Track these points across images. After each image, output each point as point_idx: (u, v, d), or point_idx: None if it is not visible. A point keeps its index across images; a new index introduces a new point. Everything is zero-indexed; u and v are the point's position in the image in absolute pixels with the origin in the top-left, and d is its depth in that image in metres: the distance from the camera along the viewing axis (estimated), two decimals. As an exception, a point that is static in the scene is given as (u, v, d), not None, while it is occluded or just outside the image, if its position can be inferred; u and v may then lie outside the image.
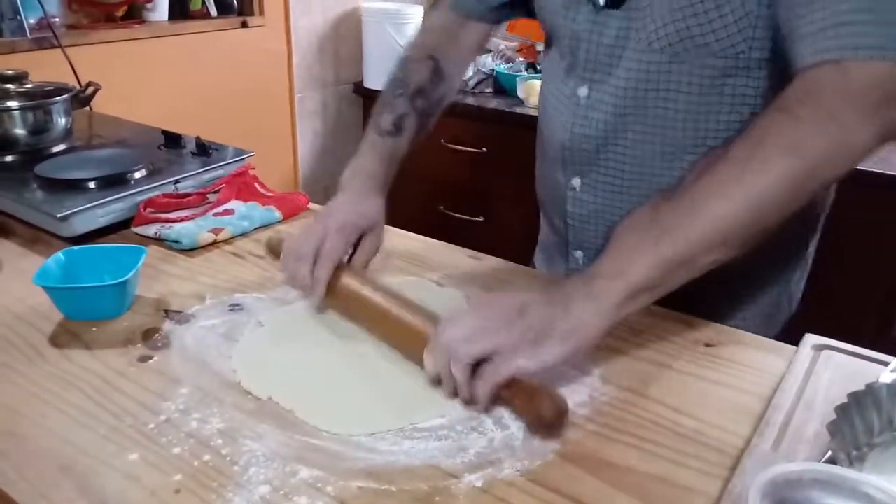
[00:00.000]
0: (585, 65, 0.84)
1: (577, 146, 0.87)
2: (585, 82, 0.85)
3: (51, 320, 0.77)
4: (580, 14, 0.83)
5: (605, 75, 0.82)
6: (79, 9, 1.79)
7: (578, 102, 0.86)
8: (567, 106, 0.87)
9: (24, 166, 1.10)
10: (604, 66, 0.82)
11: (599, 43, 0.82)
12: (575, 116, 0.86)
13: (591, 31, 0.82)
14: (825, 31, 0.61)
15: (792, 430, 0.60)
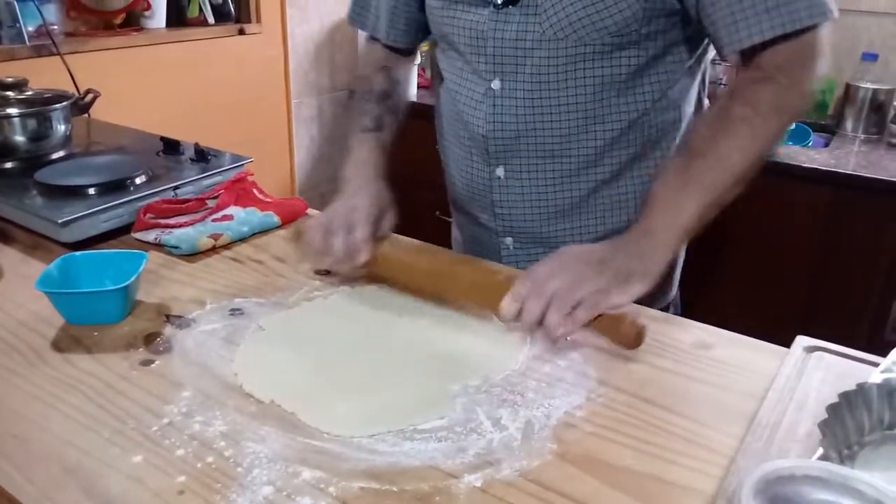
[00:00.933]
0: (494, 59, 0.91)
1: (498, 137, 0.94)
2: (497, 75, 0.92)
3: (52, 325, 0.78)
4: (480, 14, 0.90)
5: (514, 66, 0.90)
6: (77, 16, 1.80)
7: (493, 95, 0.92)
8: (481, 100, 0.94)
9: (24, 173, 1.11)
10: (511, 58, 0.90)
11: (504, 38, 0.89)
12: (492, 108, 0.93)
13: (494, 28, 0.89)
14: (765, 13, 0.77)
15: (784, 430, 0.61)
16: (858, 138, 2.02)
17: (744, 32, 0.78)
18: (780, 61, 0.79)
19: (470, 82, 0.96)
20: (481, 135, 0.95)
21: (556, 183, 0.95)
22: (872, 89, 2.00)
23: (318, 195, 2.51)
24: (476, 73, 0.94)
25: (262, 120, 2.29)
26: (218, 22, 2.13)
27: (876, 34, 2.09)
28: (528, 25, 0.87)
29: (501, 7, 0.88)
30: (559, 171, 0.94)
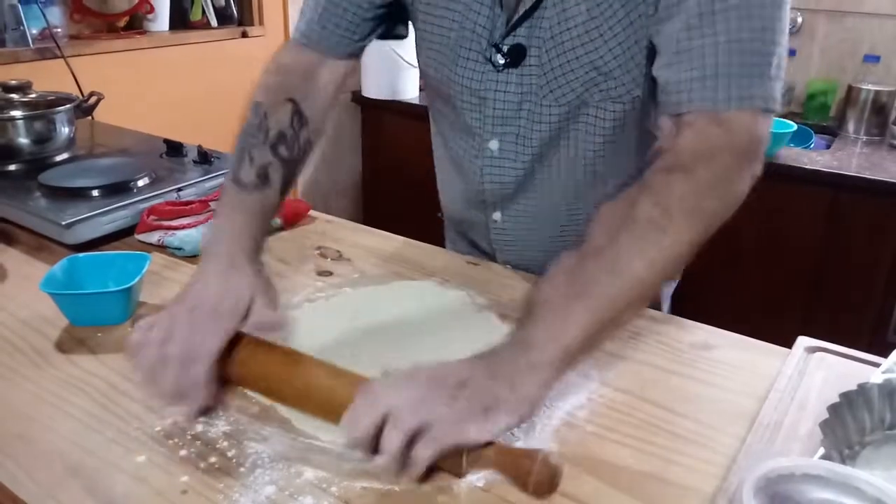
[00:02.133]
0: (494, 121, 0.86)
1: (496, 192, 0.91)
2: (495, 136, 0.87)
3: (56, 326, 0.78)
4: (480, 73, 0.84)
5: (514, 127, 0.86)
6: (81, 19, 1.81)
7: (491, 155, 0.89)
8: (478, 158, 0.90)
9: (28, 175, 1.11)
10: (511, 119, 0.85)
11: (505, 100, 0.84)
12: (490, 169, 0.89)
13: (495, 90, 0.84)
14: (699, 81, 0.67)
15: (785, 430, 0.61)
16: (860, 140, 2.02)
17: (680, 97, 0.68)
18: (704, 149, 0.66)
19: (463, 139, 0.91)
20: (476, 190, 0.93)
21: (553, 226, 0.93)
22: (874, 91, 2.00)
23: (319, 196, 2.51)
24: (470, 131, 0.89)
25: (265, 122, 2.29)
26: (221, 25, 2.14)
27: (878, 36, 2.09)
28: (531, 87, 0.82)
29: (503, 68, 0.82)
30: (554, 217, 0.92)
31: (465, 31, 0.83)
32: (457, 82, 0.86)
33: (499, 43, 0.81)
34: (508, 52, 0.81)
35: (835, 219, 1.76)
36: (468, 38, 0.83)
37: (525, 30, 0.79)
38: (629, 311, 0.63)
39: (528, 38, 0.80)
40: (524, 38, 0.80)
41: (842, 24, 2.13)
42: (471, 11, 0.82)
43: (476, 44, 0.83)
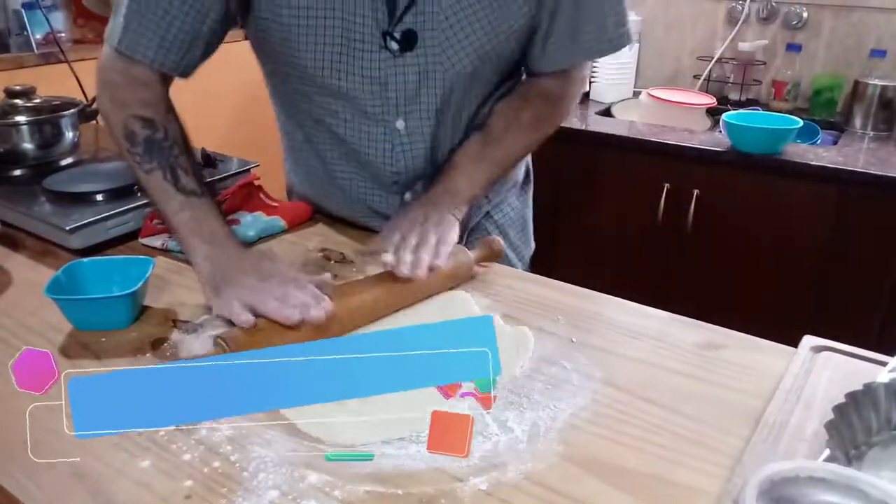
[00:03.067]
0: (397, 101, 0.92)
1: (409, 171, 0.99)
2: (400, 116, 0.94)
3: (61, 331, 0.79)
4: (378, 61, 0.89)
5: (415, 104, 0.93)
6: (84, 23, 1.82)
7: (399, 135, 0.95)
8: (383, 140, 0.96)
9: (33, 180, 1.12)
10: (412, 98, 0.92)
11: (406, 81, 0.91)
12: (401, 147, 0.96)
13: (395, 74, 0.90)
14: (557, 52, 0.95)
15: (791, 430, 0.61)
16: (867, 135, 2.01)
17: (548, 61, 0.97)
18: (558, 86, 1.02)
19: (362, 124, 0.95)
20: (391, 172, 0.99)
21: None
22: (881, 86, 1.99)
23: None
24: (369, 116, 0.93)
25: (268, 125, 2.29)
26: (224, 27, 2.14)
27: (885, 30, 2.07)
28: (430, 67, 0.90)
29: (399, 54, 0.88)
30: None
31: (350, 24, 0.86)
32: (354, 73, 0.89)
33: (389, 30, 0.86)
34: (401, 37, 0.87)
35: (842, 215, 1.75)
36: (357, 30, 0.86)
37: (411, 16, 0.86)
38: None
39: (417, 23, 0.86)
40: (412, 23, 0.86)
41: (848, 18, 2.12)
42: (352, 4, 0.85)
43: (367, 35, 0.87)
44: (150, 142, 0.84)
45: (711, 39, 2.33)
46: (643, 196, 1.94)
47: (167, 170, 0.83)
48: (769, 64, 2.25)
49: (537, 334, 0.78)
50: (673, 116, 2.09)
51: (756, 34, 2.26)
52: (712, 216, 1.86)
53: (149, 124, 0.85)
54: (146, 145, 0.84)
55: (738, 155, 1.80)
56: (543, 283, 0.92)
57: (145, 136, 0.84)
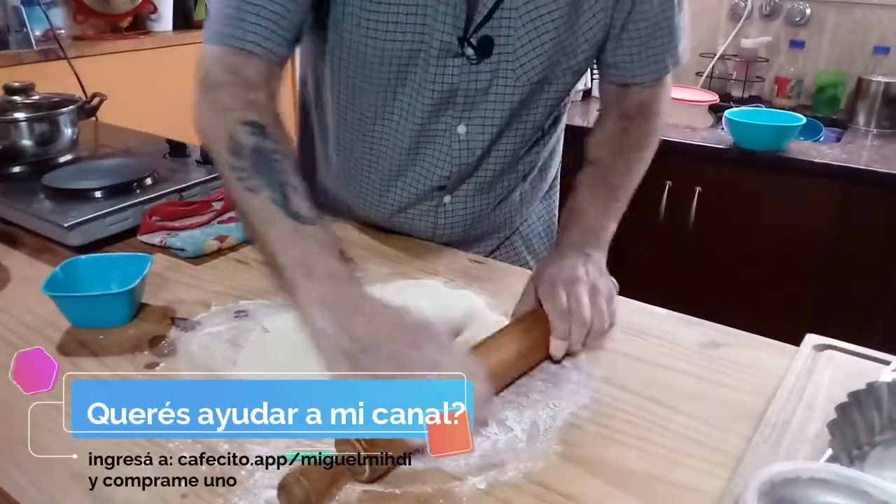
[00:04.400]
0: (462, 108, 0.90)
1: (461, 174, 0.96)
2: (463, 122, 0.91)
3: (59, 328, 0.78)
4: (452, 67, 0.86)
5: (483, 111, 0.91)
6: (84, 20, 1.82)
7: (459, 140, 0.93)
8: (441, 143, 0.93)
9: (32, 177, 1.11)
10: (479, 103, 0.90)
11: (476, 89, 0.88)
12: (458, 152, 0.93)
13: (467, 80, 0.88)
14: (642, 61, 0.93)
15: (793, 430, 0.60)
16: (871, 132, 2.00)
17: (638, 71, 0.94)
18: (651, 98, 0.98)
19: (423, 126, 0.91)
20: (441, 176, 0.95)
21: (495, 202, 1.03)
22: (885, 83, 1.98)
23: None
24: (428, 119, 0.91)
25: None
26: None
27: (888, 27, 2.06)
28: (501, 73, 0.87)
29: (476, 61, 0.86)
30: (498, 192, 1.02)
31: (430, 28, 0.83)
32: (426, 78, 0.87)
33: (468, 37, 0.84)
34: (478, 44, 0.85)
35: (845, 212, 1.74)
36: (435, 35, 0.83)
37: (493, 21, 0.83)
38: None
39: (495, 29, 0.84)
40: (490, 28, 0.84)
41: (851, 15, 2.11)
42: (432, 10, 0.82)
43: (446, 40, 0.84)
44: (259, 153, 0.72)
45: (714, 36, 2.32)
46: (645, 193, 1.92)
47: (276, 189, 0.69)
48: (772, 61, 2.25)
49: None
50: (675, 113, 2.09)
51: (759, 31, 2.25)
52: (715, 214, 1.86)
53: (258, 131, 0.73)
54: (254, 157, 0.71)
55: (741, 152, 1.79)
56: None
57: (253, 144, 0.72)
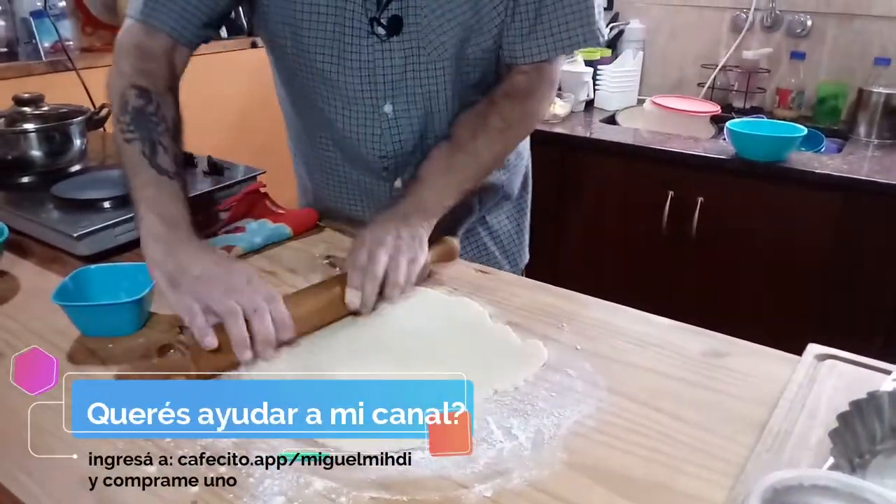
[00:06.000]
0: (385, 85, 0.97)
1: (398, 155, 1.02)
2: (388, 100, 0.98)
3: (68, 337, 0.79)
4: (367, 46, 0.94)
5: (402, 88, 0.97)
6: (92, 32, 1.83)
7: (387, 118, 1.00)
8: (371, 124, 1.00)
9: (41, 187, 1.12)
10: (399, 82, 0.97)
11: (392, 66, 0.95)
12: (389, 131, 1.00)
13: (381, 57, 0.95)
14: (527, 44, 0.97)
15: (795, 439, 0.61)
16: (872, 143, 2.00)
17: (519, 54, 0.98)
18: (527, 84, 1.00)
19: (352, 109, 0.99)
20: (379, 157, 1.02)
21: None
22: (886, 94, 1.99)
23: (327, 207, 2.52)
24: (358, 101, 0.98)
25: (274, 132, 2.30)
26: (230, 36, 2.16)
27: (888, 38, 2.08)
28: (413, 51, 0.94)
29: (386, 39, 0.93)
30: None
31: (342, 11, 0.92)
32: (344, 58, 0.95)
33: (377, 17, 0.92)
34: (388, 23, 0.92)
35: (846, 223, 1.75)
36: (347, 17, 0.92)
37: (397, 3, 0.91)
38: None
39: (403, 9, 0.92)
40: (397, 9, 0.92)
41: (851, 26, 2.12)
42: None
43: (357, 21, 0.92)
44: (140, 112, 0.85)
45: (715, 47, 2.33)
46: (647, 204, 1.94)
47: (146, 143, 0.84)
48: (773, 72, 2.26)
49: (542, 342, 0.78)
50: (677, 124, 2.10)
51: (760, 42, 2.26)
52: (716, 224, 1.86)
53: (143, 94, 0.86)
54: (134, 114, 0.85)
55: (743, 163, 1.80)
56: (548, 290, 0.92)
57: (137, 105, 0.85)
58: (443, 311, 0.85)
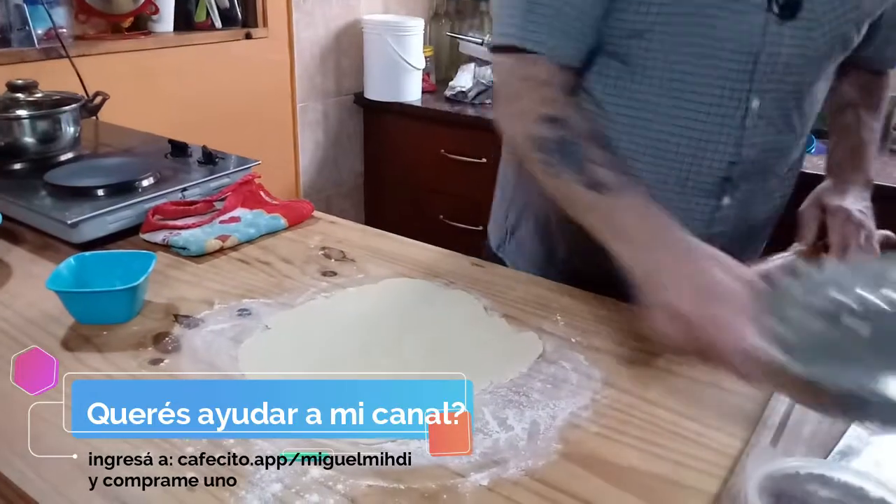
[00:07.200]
0: (762, 76, 0.81)
1: (746, 161, 0.86)
2: (756, 94, 0.83)
3: (62, 324, 0.79)
4: (757, 25, 0.79)
5: (777, 83, 0.83)
6: (86, 20, 1.82)
7: (751, 115, 0.83)
8: (727, 122, 0.83)
9: (34, 174, 1.12)
10: (776, 75, 0.82)
11: (780, 52, 0.80)
12: (746, 131, 0.84)
13: (769, 43, 0.80)
14: None
15: (789, 431, 0.62)
16: (862, 145, 2.02)
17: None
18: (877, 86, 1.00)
19: (713, 99, 0.82)
20: (727, 162, 0.85)
21: (774, 200, 0.96)
22: (876, 96, 2.00)
23: (322, 198, 2.52)
24: (725, 90, 0.82)
25: (269, 123, 2.30)
26: (225, 26, 2.15)
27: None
28: (805, 40, 0.80)
29: (782, 18, 0.78)
30: (779, 188, 0.94)
31: None
32: (726, 36, 0.79)
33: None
34: (785, 3, 0.78)
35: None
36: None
37: None
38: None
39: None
40: None
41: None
42: None
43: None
44: (563, 143, 0.75)
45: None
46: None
47: (575, 167, 0.73)
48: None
49: (537, 334, 0.78)
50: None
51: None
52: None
53: (557, 124, 0.76)
54: (559, 147, 0.75)
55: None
56: (543, 283, 0.92)
57: (557, 137, 0.75)
58: (439, 304, 0.85)
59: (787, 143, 0.90)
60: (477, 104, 2.35)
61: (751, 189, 0.90)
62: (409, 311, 0.84)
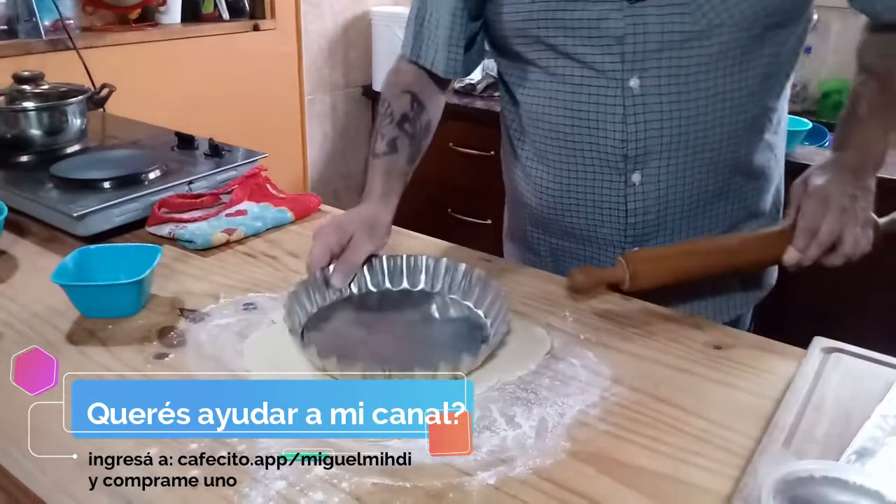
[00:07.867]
0: (633, 57, 0.84)
1: (640, 139, 0.88)
2: (634, 73, 0.85)
3: (67, 318, 0.78)
4: (609, 9, 0.83)
5: (657, 61, 0.84)
6: (93, 11, 1.82)
7: (633, 94, 0.86)
8: (613, 102, 0.87)
9: (40, 166, 1.11)
10: (653, 53, 0.84)
11: (646, 33, 0.83)
12: (633, 109, 0.87)
13: (632, 24, 0.83)
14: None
15: (801, 432, 0.60)
16: (875, 139, 2.00)
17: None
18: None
19: (589, 86, 0.88)
20: (619, 140, 0.88)
21: (697, 176, 0.92)
22: (890, 89, 1.98)
23: (330, 191, 2.51)
24: (600, 74, 0.87)
25: (276, 116, 2.30)
26: (233, 18, 2.14)
27: (894, 34, 2.07)
28: (673, 18, 0.82)
29: (630, 1, 0.82)
30: (700, 163, 0.91)
31: None
32: (574, 24, 0.85)
33: None
34: None
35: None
36: None
37: None
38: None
39: None
40: None
41: (856, 21, 2.10)
42: None
43: None
44: (378, 115, 0.99)
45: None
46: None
47: (373, 135, 0.98)
48: (778, 65, 2.25)
49: (546, 331, 0.78)
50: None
51: (765, 35, 2.25)
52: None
53: (381, 101, 1.00)
54: (378, 115, 1.00)
55: (746, 156, 1.79)
56: (552, 279, 0.91)
57: (379, 108, 1.00)
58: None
59: (694, 118, 0.87)
60: (486, 97, 2.34)
61: (666, 165, 0.90)
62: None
